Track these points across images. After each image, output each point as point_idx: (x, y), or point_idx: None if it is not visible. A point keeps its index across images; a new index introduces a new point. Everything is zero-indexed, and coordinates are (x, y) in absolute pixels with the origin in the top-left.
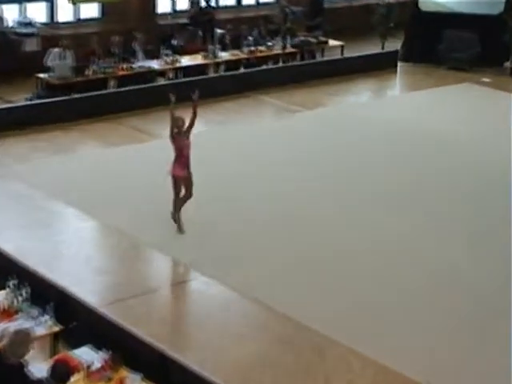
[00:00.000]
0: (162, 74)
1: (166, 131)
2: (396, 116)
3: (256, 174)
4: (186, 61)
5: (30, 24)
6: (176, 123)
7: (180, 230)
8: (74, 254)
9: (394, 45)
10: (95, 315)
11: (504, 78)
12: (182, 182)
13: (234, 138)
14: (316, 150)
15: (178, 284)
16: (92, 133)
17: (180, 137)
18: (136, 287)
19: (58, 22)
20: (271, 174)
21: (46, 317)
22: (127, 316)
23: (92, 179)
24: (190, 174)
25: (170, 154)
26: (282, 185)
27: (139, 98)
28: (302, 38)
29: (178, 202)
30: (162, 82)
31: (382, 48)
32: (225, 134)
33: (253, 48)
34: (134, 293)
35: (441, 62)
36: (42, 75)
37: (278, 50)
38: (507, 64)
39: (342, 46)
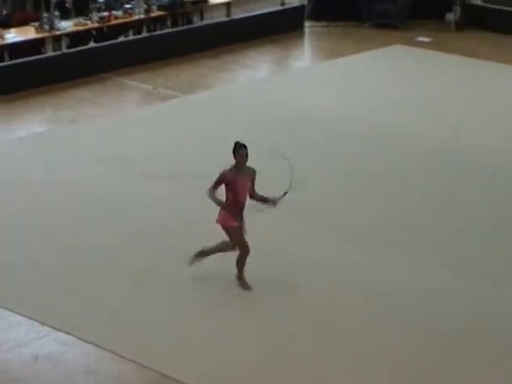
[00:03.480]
0: None
1: None
2: (306, 95)
3: (126, 188)
4: (12, 36)
5: None
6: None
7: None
8: None
9: None
10: None
11: (447, 35)
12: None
13: (87, 140)
14: (201, 150)
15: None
16: None
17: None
18: None
19: None
20: (143, 188)
21: None
22: None
23: None
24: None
25: None
26: (155, 196)
27: None
28: None
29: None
30: None
31: (282, 3)
32: (75, 134)
33: (105, 13)
34: None
35: (362, 17)
36: None
37: (140, 15)
38: (450, 16)
39: (228, 4)
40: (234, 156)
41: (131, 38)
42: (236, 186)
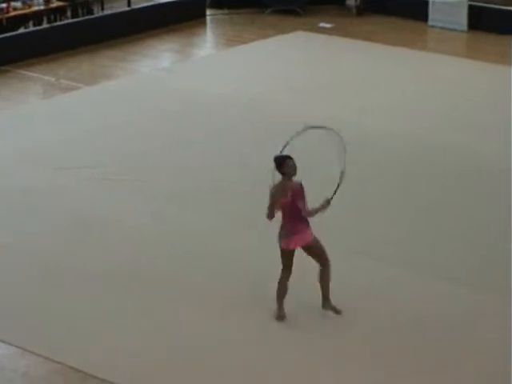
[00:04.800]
0: None
1: None
2: (209, 84)
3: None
4: None
5: None
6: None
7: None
8: None
9: None
10: None
11: (349, 21)
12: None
13: None
14: (105, 141)
15: None
16: None
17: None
18: None
19: None
20: (49, 180)
21: None
22: None
23: None
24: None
25: None
26: (61, 190)
27: None
28: None
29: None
30: None
31: None
32: None
33: (3, 5)
34: None
35: (264, 4)
36: None
37: (39, 6)
38: (351, 1)
39: None
40: (280, 169)
41: (31, 29)
42: (285, 201)
